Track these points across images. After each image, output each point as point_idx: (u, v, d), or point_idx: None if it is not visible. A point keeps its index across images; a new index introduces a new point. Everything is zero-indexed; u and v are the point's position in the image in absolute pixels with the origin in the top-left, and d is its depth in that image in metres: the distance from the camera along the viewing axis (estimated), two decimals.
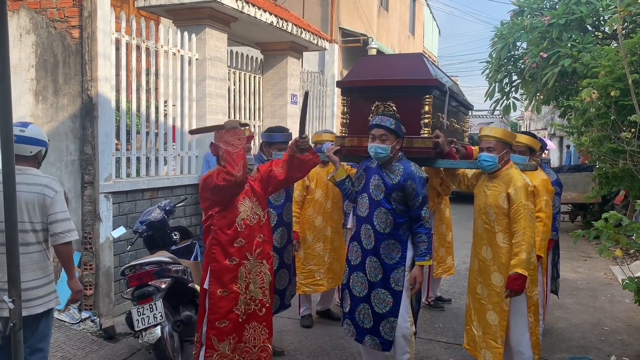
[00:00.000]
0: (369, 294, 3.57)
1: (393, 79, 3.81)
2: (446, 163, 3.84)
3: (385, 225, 3.51)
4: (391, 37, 15.39)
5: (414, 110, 3.70)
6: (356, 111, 3.93)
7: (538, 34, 10.16)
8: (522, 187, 3.35)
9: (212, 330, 3.27)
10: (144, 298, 3.85)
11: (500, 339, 3.42)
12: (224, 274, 3.29)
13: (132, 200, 5.48)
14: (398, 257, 3.51)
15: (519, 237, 3.30)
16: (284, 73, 8.46)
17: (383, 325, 3.52)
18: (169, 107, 6.16)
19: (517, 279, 3.25)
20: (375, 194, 3.54)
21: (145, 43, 5.71)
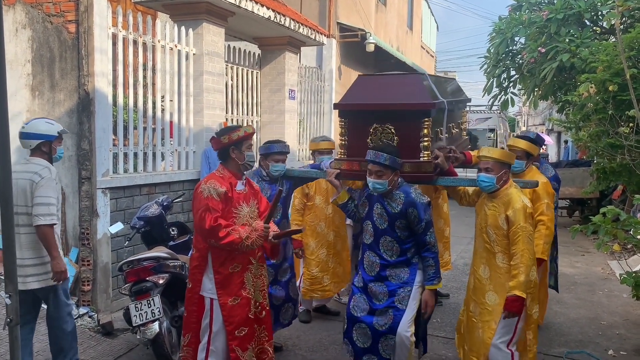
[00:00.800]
0: (371, 313, 3.54)
1: (391, 104, 3.73)
2: (446, 181, 3.81)
3: (392, 252, 3.51)
4: (389, 32, 15.35)
5: (413, 133, 3.64)
6: (354, 133, 3.86)
7: (536, 29, 10.14)
8: (520, 209, 3.34)
9: (233, 341, 3.23)
10: (141, 294, 3.84)
11: (483, 356, 3.45)
12: (230, 282, 3.26)
13: (130, 195, 5.47)
14: (406, 277, 3.51)
15: (518, 259, 3.30)
16: (282, 68, 8.44)
17: (382, 343, 3.50)
18: (166, 102, 6.13)
19: (515, 301, 3.28)
20: (379, 222, 3.53)
21: (142, 38, 5.68)
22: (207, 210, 3.15)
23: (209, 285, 3.27)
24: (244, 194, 3.37)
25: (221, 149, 3.35)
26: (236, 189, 3.32)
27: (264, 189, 4.17)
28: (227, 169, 3.37)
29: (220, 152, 3.37)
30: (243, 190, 3.37)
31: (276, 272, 4.25)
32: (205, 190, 3.21)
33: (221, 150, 3.36)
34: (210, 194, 3.19)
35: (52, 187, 3.52)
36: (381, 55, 12.51)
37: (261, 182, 4.18)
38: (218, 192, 3.21)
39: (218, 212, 3.17)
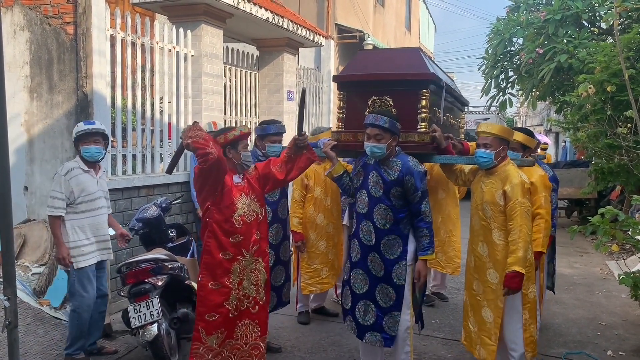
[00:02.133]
0: (372, 289, 3.56)
1: (389, 73, 3.79)
2: (443, 158, 3.83)
3: (385, 221, 3.51)
4: (387, 33, 15.37)
5: (411, 105, 3.68)
6: (352, 106, 3.90)
7: (534, 29, 10.16)
8: (518, 184, 3.33)
9: (200, 322, 3.26)
10: (140, 295, 3.84)
11: (494, 336, 3.42)
12: (217, 267, 3.28)
13: (128, 197, 5.46)
14: (399, 251, 3.50)
15: (515, 234, 3.28)
16: (280, 69, 8.44)
17: (386, 320, 3.51)
18: (165, 104, 6.13)
19: (514, 277, 3.25)
20: (375, 190, 3.53)
21: (141, 39, 5.68)
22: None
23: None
24: (242, 186, 3.37)
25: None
26: (234, 180, 3.34)
27: None
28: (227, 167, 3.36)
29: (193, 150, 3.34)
30: (241, 183, 3.37)
31: (277, 252, 4.32)
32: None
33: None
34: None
35: (59, 182, 3.96)
36: None
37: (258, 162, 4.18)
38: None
39: None
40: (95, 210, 4.11)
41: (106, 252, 4.23)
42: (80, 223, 4.04)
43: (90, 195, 4.07)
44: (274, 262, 4.28)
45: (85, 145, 4.04)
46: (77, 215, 4.03)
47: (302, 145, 3.53)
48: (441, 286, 5.91)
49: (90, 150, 4.05)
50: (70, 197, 3.98)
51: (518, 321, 3.42)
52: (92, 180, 4.11)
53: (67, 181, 3.97)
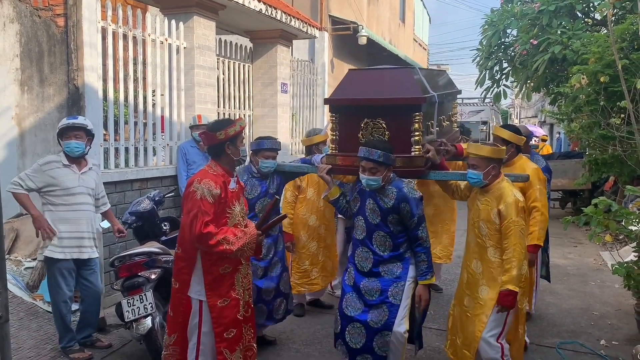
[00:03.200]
0: (365, 313, 3.53)
1: (381, 98, 3.71)
2: (438, 175, 3.81)
3: (385, 247, 3.51)
4: (381, 25, 15.31)
5: (404, 128, 3.62)
6: (345, 128, 3.83)
7: (528, 20, 10.15)
8: (512, 204, 3.34)
9: (221, 343, 3.15)
10: (134, 289, 3.83)
11: (473, 349, 3.46)
12: (221, 284, 3.17)
13: (121, 190, 5.43)
14: (399, 272, 3.50)
15: (510, 253, 3.30)
16: (274, 61, 8.40)
17: (377, 340, 3.47)
18: (157, 96, 6.09)
19: (508, 295, 3.28)
20: (372, 217, 3.52)
21: (132, 32, 5.63)
22: (197, 215, 3.01)
23: (197, 287, 3.15)
24: (236, 192, 3.28)
25: (216, 145, 3.20)
26: (229, 187, 3.21)
27: (254, 185, 4.15)
28: (220, 165, 3.23)
29: (214, 148, 3.22)
30: (235, 189, 3.27)
31: (266, 267, 4.23)
32: (199, 191, 3.05)
33: (215, 146, 3.21)
34: (204, 196, 3.04)
35: (35, 168, 4.01)
36: (374, 48, 12.48)
37: (251, 178, 4.16)
38: (213, 194, 3.05)
39: (210, 216, 3.03)
40: (74, 205, 4.05)
41: (90, 249, 4.17)
42: (57, 215, 4.01)
43: (67, 190, 4.02)
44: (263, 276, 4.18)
45: (66, 139, 4.01)
46: (52, 207, 4.01)
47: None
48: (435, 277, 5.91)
49: (70, 145, 4.00)
50: (43, 188, 3.98)
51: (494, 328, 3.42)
52: (71, 175, 4.05)
53: (43, 172, 3.97)
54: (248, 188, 4.10)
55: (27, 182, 3.97)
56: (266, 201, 4.15)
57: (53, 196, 4.01)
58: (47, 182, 3.98)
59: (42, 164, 4.01)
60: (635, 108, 5.07)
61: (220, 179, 3.16)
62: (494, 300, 3.36)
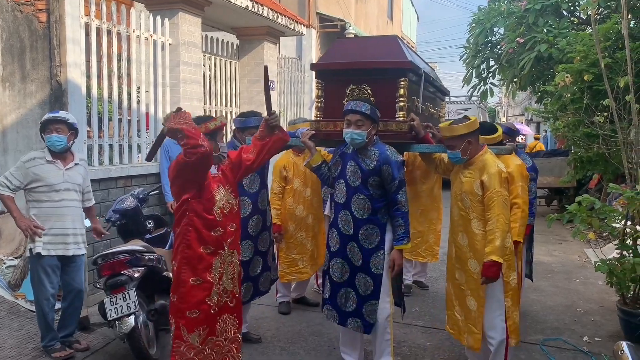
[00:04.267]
0: (352, 278, 3.58)
1: (368, 62, 3.76)
2: (421, 147, 3.83)
3: (364, 211, 3.52)
4: (369, 22, 15.31)
5: (389, 94, 3.66)
6: (331, 95, 3.87)
7: (515, 19, 10.21)
8: (495, 174, 3.32)
9: (181, 319, 3.14)
10: (116, 287, 3.78)
11: (479, 325, 3.45)
12: (198, 262, 3.16)
13: (105, 188, 5.38)
14: (377, 241, 3.52)
15: (493, 224, 3.29)
16: (261, 58, 8.36)
17: (366, 307, 3.54)
18: (142, 93, 6.04)
19: (491, 266, 3.25)
20: (352, 180, 3.53)
21: (117, 28, 5.57)
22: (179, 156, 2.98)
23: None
24: (219, 177, 3.29)
25: None
26: (211, 172, 3.23)
27: None
28: None
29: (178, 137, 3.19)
30: (217, 174, 3.28)
31: (255, 243, 4.26)
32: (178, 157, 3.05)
33: None
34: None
35: (18, 166, 3.97)
36: None
37: None
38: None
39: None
40: (59, 201, 3.99)
41: (75, 246, 4.09)
42: (42, 212, 3.95)
43: (52, 187, 3.95)
44: (253, 253, 4.24)
45: (48, 133, 3.96)
46: (36, 204, 3.96)
47: (273, 124, 3.46)
48: (421, 274, 5.94)
49: (52, 139, 3.94)
50: (28, 185, 3.93)
51: (497, 309, 3.44)
52: (55, 171, 3.99)
53: (26, 169, 3.92)
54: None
55: (12, 181, 3.90)
56: (254, 176, 4.13)
57: (37, 192, 3.95)
58: (31, 178, 3.92)
59: (25, 161, 3.95)
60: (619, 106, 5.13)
61: None
62: None
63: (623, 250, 4.40)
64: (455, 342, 4.09)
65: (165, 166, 5.87)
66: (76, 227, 4.10)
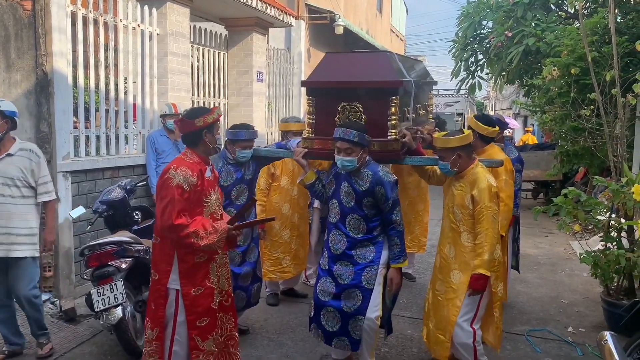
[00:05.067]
0: (338, 297, 3.54)
1: (358, 81, 3.71)
2: (414, 160, 3.82)
3: (358, 230, 3.52)
4: (358, 15, 15.27)
5: (381, 111, 3.63)
6: (322, 111, 3.83)
7: (503, 12, 10.23)
8: (485, 189, 3.37)
9: (193, 330, 3.13)
10: (103, 278, 3.77)
11: (448, 333, 3.50)
12: (195, 272, 3.11)
13: (92, 179, 5.34)
14: (372, 256, 3.52)
15: (482, 238, 3.34)
16: (249, 50, 8.31)
17: (351, 324, 3.50)
18: (129, 83, 5.98)
19: (479, 279, 3.32)
20: (347, 200, 3.53)
21: (103, 17, 5.50)
22: (172, 203, 2.95)
23: (174, 276, 3.11)
24: (212, 180, 3.25)
25: (193, 132, 3.13)
26: (206, 175, 3.17)
27: (229, 172, 4.11)
28: (196, 153, 3.17)
29: (190, 136, 3.15)
30: (211, 177, 3.24)
31: (244, 254, 4.21)
32: (175, 178, 2.98)
33: (192, 134, 3.14)
34: (180, 183, 2.97)
35: None
36: (350, 38, 12.45)
37: (226, 165, 4.11)
38: (189, 182, 3.00)
39: (183, 204, 2.98)
40: None
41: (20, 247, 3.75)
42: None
43: None
44: (241, 263, 4.19)
45: None
46: None
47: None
48: (409, 266, 5.97)
49: None
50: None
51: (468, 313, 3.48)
52: None
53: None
54: (223, 175, 4.05)
55: None
56: (242, 187, 4.12)
57: None
58: None
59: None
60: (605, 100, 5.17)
61: (197, 167, 3.12)
62: (466, 285, 3.40)
63: (608, 243, 4.45)
64: None
65: (151, 158, 5.83)
66: (11, 225, 3.72)
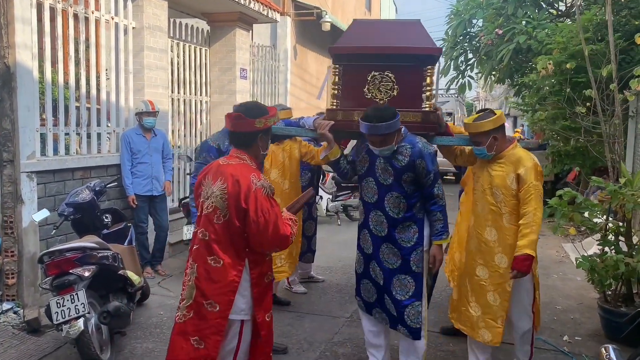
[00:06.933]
0: (389, 282, 3.34)
1: (395, 47, 3.44)
2: (444, 140, 3.57)
3: (399, 210, 3.29)
4: (346, 12, 15.03)
5: (415, 82, 3.42)
6: (349, 81, 3.53)
7: (493, 10, 10.05)
8: (532, 167, 3.24)
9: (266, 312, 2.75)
10: (64, 288, 3.47)
11: (500, 319, 3.36)
12: (265, 295, 2.74)
13: (61, 180, 5.03)
14: (415, 237, 3.31)
15: (530, 217, 3.19)
16: (233, 46, 8.02)
17: (408, 312, 3.30)
18: (102, 79, 5.68)
19: (525, 260, 3.16)
20: (384, 178, 3.29)
21: (73, 8, 5.20)
22: (276, 214, 2.59)
23: (241, 305, 2.64)
24: None
25: (249, 133, 2.69)
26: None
27: None
28: (250, 157, 2.73)
29: (243, 136, 2.71)
30: None
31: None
32: (266, 188, 2.59)
33: (247, 134, 2.70)
34: (269, 193, 2.61)
35: None
36: (338, 35, 12.15)
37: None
38: (272, 189, 2.66)
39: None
40: None
41: None
42: None
43: None
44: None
45: None
46: None
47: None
48: None
49: None
50: None
51: (527, 299, 3.42)
52: None
53: None
54: None
55: None
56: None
57: None
58: None
59: None
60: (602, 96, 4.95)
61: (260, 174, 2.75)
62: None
63: (605, 247, 4.22)
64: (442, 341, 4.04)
65: (126, 158, 5.53)
66: None
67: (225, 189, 2.57)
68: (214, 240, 2.60)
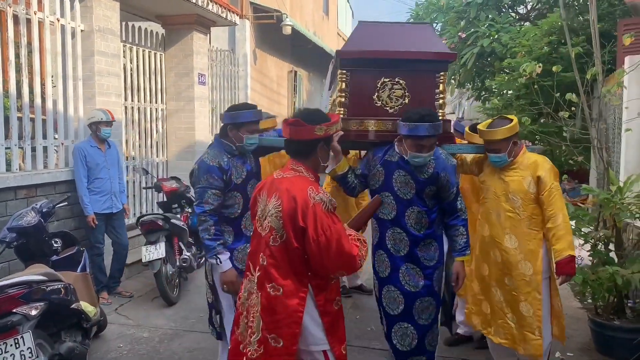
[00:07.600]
0: (409, 309, 3.14)
1: (409, 51, 3.26)
2: (452, 148, 3.39)
3: (421, 226, 3.08)
4: (305, 15, 14.75)
5: (427, 89, 3.26)
6: (358, 88, 3.32)
7: (454, 13, 10.00)
8: (550, 169, 3.22)
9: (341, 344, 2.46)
10: (6, 331, 2.99)
11: (537, 330, 3.24)
12: (339, 324, 2.46)
13: (2, 201, 4.50)
14: (437, 255, 3.17)
15: (560, 219, 3.14)
16: (190, 50, 7.56)
17: (428, 337, 3.17)
18: (48, 87, 5.15)
19: (570, 262, 3.12)
20: (404, 192, 3.07)
21: (12, 8, 4.67)
22: (338, 232, 2.30)
23: (319, 334, 2.39)
24: None
25: (308, 142, 2.43)
26: None
27: (237, 167, 3.28)
28: (308, 168, 2.46)
29: (303, 144, 2.45)
30: None
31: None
32: (326, 203, 2.32)
33: (306, 143, 2.44)
34: (330, 208, 2.33)
35: None
36: (298, 40, 11.90)
37: (232, 159, 3.27)
38: (333, 204, 2.38)
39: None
40: None
41: None
42: None
43: None
44: None
45: None
46: None
47: None
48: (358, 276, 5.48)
49: None
50: None
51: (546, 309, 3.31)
52: None
53: None
54: (234, 172, 3.25)
55: None
56: (254, 183, 3.28)
57: None
58: None
59: None
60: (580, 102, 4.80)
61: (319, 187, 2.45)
62: (539, 275, 3.21)
63: (595, 258, 4.05)
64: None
65: (82, 174, 5.00)
66: None
67: (280, 206, 2.33)
68: (271, 265, 2.35)
